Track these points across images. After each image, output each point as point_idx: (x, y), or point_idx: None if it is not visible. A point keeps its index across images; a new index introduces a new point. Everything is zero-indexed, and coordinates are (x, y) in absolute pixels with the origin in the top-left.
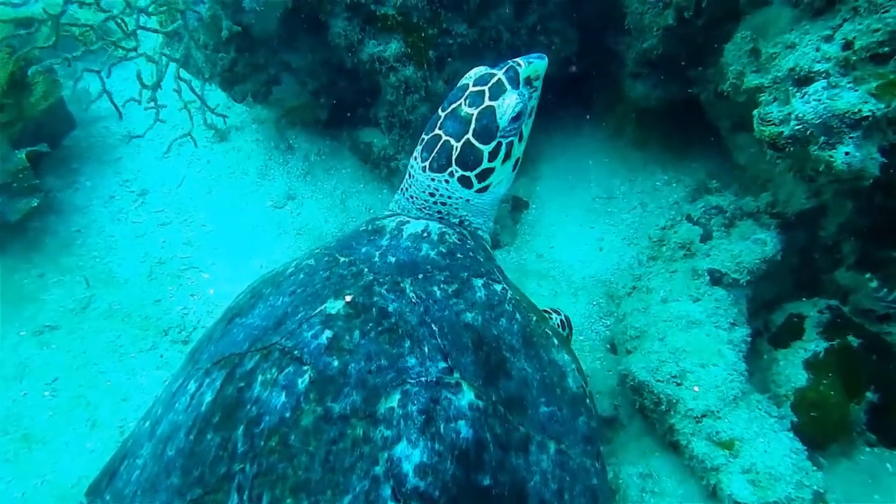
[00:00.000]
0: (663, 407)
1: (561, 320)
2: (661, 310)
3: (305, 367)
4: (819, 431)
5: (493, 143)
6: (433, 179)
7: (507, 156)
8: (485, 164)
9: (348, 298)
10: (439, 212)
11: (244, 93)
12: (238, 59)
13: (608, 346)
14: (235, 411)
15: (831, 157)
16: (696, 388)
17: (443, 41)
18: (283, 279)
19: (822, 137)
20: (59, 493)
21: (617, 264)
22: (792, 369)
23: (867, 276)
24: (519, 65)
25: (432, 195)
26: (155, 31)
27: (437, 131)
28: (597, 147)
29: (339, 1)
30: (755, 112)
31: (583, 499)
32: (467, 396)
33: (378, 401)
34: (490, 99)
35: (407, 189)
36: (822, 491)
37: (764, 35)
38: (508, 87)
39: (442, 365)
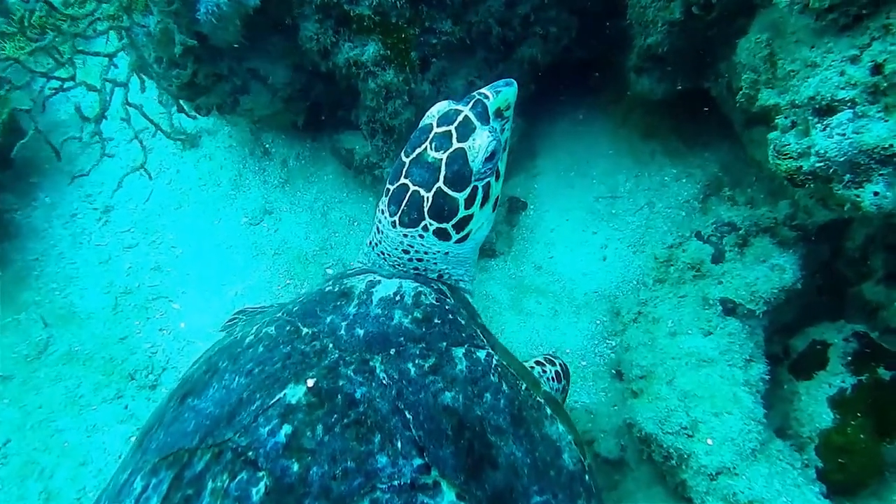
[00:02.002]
0: (673, 462)
1: (557, 371)
2: (670, 345)
3: (261, 474)
4: (848, 479)
5: (469, 189)
6: (406, 235)
7: (486, 198)
8: (462, 213)
9: (310, 383)
10: (416, 268)
11: (208, 106)
12: (198, 70)
13: (614, 371)
14: None
15: (858, 196)
16: (709, 441)
17: (426, 40)
18: (240, 351)
19: (848, 175)
20: None
21: (622, 276)
22: (815, 407)
23: None
24: (486, 97)
25: (406, 252)
26: (95, 54)
27: (403, 180)
28: (601, 138)
29: (308, 1)
30: (771, 136)
31: None
32: (447, 498)
33: None
34: (459, 140)
35: (377, 244)
36: None
37: (781, 34)
38: (477, 124)
39: (417, 462)
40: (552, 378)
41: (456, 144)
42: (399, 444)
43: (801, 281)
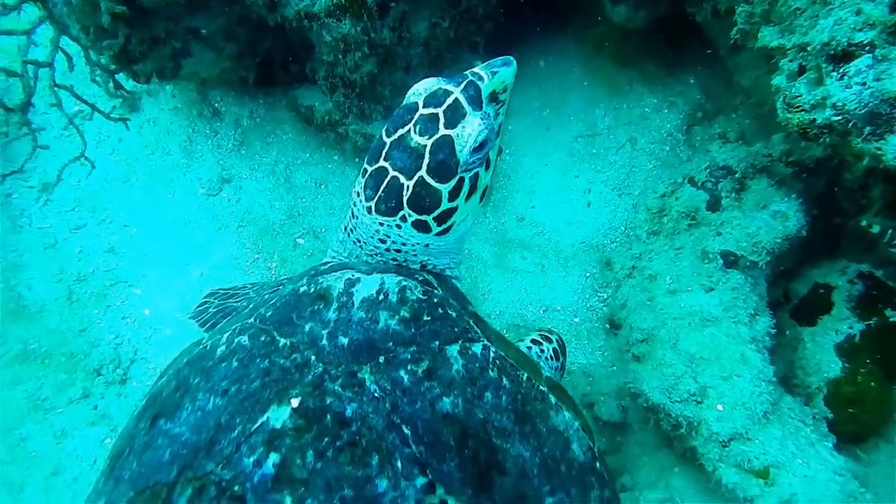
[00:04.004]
0: (683, 430)
1: (554, 348)
2: (670, 304)
3: None
4: (859, 428)
5: (454, 181)
6: (381, 224)
7: (473, 189)
8: (444, 206)
9: (295, 403)
10: (395, 259)
11: (147, 73)
12: (131, 36)
13: (607, 325)
14: None
15: (879, 149)
16: (719, 407)
17: None
18: (212, 365)
19: (868, 128)
20: None
21: (609, 222)
22: (822, 355)
23: None
24: (481, 77)
25: (383, 241)
26: (9, 32)
27: (382, 163)
28: (574, 69)
29: None
30: (777, 82)
31: None
32: None
33: None
34: (446, 126)
35: (352, 231)
36: None
37: None
38: (468, 109)
39: (421, 481)
40: (550, 356)
41: (443, 131)
42: (399, 464)
43: (805, 228)
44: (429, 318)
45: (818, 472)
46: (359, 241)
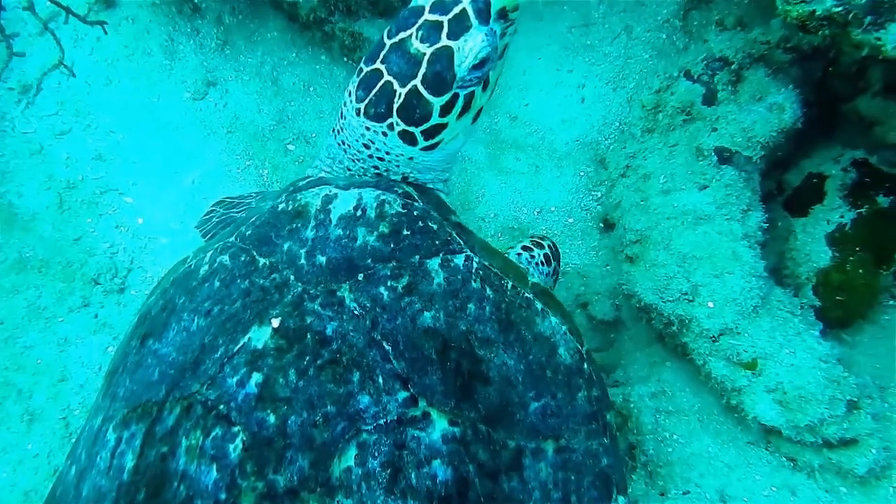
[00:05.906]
0: (674, 328)
1: (546, 254)
2: (664, 204)
3: (236, 429)
4: (846, 314)
5: (448, 96)
6: (368, 129)
7: (466, 108)
8: (434, 121)
9: (275, 324)
10: (376, 167)
11: None
12: None
13: (601, 224)
14: (162, 489)
15: (879, 39)
16: (710, 304)
17: None
18: (196, 285)
19: (868, 17)
20: None
21: (603, 118)
22: (813, 245)
23: None
24: None
25: (367, 146)
26: None
27: (378, 65)
28: None
29: None
30: None
31: (593, 490)
32: (439, 427)
33: (330, 462)
34: (449, 37)
35: (340, 132)
36: (855, 399)
37: None
38: (474, 22)
39: (403, 395)
40: (541, 262)
41: (444, 41)
42: (380, 380)
43: (801, 119)
44: (408, 233)
45: (804, 361)
46: (344, 144)
